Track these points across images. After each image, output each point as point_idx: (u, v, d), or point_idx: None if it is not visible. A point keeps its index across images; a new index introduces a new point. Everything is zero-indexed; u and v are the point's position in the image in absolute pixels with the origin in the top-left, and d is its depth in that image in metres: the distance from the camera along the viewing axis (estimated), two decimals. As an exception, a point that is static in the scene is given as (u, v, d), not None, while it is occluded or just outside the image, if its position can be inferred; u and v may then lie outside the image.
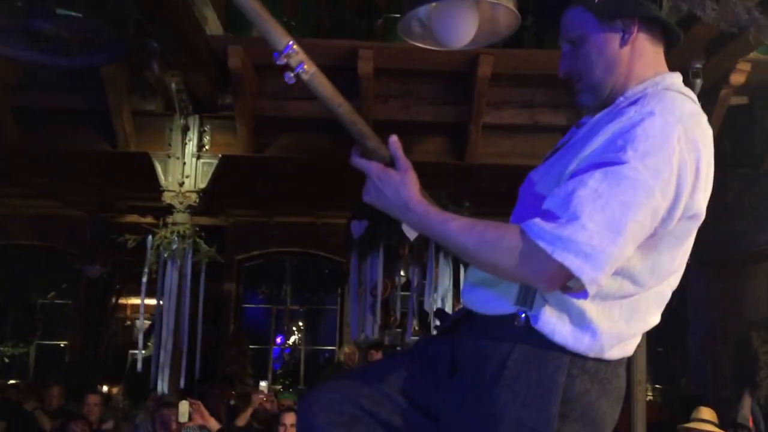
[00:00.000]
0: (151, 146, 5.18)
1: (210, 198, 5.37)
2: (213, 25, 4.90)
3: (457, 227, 1.34)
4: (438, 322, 1.79)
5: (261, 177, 6.36)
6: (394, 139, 1.42)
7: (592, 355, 1.36)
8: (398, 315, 5.06)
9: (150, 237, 4.94)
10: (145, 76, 4.69)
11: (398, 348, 7.95)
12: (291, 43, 1.29)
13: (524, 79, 4.58)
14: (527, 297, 1.38)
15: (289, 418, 4.12)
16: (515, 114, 4.68)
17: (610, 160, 1.27)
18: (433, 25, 3.05)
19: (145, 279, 4.99)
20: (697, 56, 3.85)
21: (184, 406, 4.23)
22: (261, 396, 5.18)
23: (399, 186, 1.38)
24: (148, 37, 4.16)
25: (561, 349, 1.36)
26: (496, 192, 5.42)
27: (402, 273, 4.73)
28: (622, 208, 1.24)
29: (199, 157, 5.37)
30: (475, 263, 1.39)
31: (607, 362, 1.38)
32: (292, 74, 1.32)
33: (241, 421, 5.07)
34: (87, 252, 8.57)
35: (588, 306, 1.35)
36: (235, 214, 9.29)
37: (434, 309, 4.27)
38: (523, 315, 1.37)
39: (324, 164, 5.65)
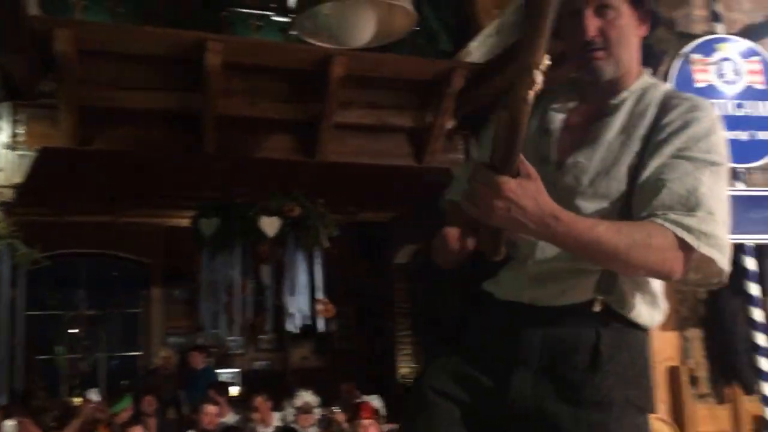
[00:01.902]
0: (-43, 136, 4.60)
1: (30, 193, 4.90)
2: (31, 4, 4.46)
3: (606, 230, 1.33)
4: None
5: (87, 171, 5.87)
6: None
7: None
8: (251, 315, 4.96)
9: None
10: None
11: (216, 349, 7.77)
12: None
13: (373, 81, 4.72)
14: (609, 284, 1.47)
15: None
16: (363, 114, 4.81)
17: (708, 159, 1.43)
18: (330, 23, 3.07)
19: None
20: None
21: (8, 427, 3.84)
22: (91, 406, 4.84)
23: (538, 195, 1.29)
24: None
25: (641, 328, 1.51)
26: (348, 190, 5.55)
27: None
28: (726, 207, 1.41)
29: (13, 149, 4.87)
30: (622, 264, 1.37)
31: None
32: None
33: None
34: None
35: (658, 286, 1.52)
36: (17, 213, 8.41)
37: (292, 307, 4.27)
38: (600, 301, 1.46)
39: (155, 158, 5.38)
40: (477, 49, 4.48)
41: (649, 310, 1.52)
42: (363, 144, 4.87)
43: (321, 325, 4.70)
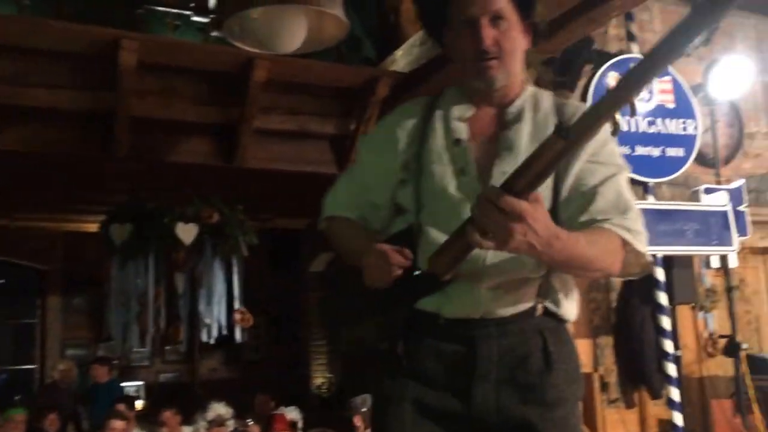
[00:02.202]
0: None
1: None
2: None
3: (586, 243, 1.45)
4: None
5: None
6: None
7: None
8: (164, 325, 4.76)
9: None
10: None
11: (116, 362, 7.43)
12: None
13: (296, 86, 4.64)
14: (547, 288, 1.59)
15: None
16: (285, 120, 4.72)
17: (618, 163, 1.62)
18: (258, 28, 3.01)
19: None
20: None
21: None
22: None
23: (546, 218, 1.34)
24: None
25: (566, 322, 1.65)
26: (265, 196, 5.42)
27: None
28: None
29: None
30: (590, 269, 1.50)
31: None
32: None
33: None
34: None
35: (574, 282, 1.64)
36: None
37: (208, 317, 4.13)
38: (541, 305, 1.59)
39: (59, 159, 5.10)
40: (402, 58, 4.48)
41: (573, 305, 1.66)
42: (284, 150, 4.77)
43: (238, 335, 4.56)
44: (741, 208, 4.60)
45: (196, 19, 4.18)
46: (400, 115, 1.75)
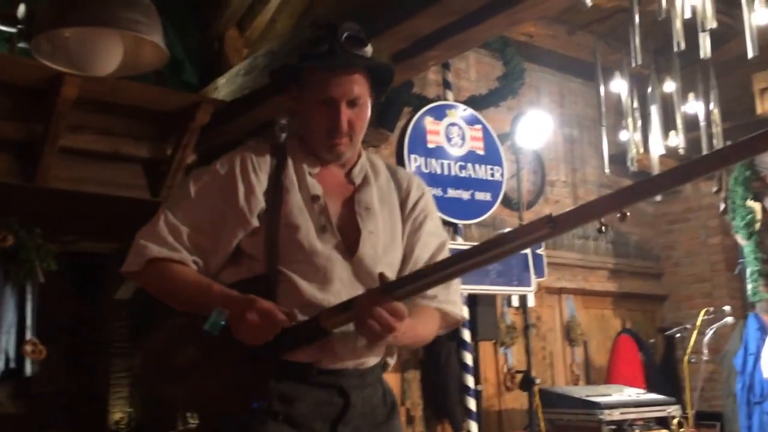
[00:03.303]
0: None
1: None
2: None
3: (421, 326, 1.72)
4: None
5: None
6: None
7: None
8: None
9: None
10: None
11: None
12: None
13: (109, 106, 4.40)
14: (391, 347, 1.77)
15: None
16: (95, 140, 4.45)
17: (444, 236, 1.91)
18: (70, 47, 2.86)
19: None
20: (284, 113, 4.28)
21: None
22: None
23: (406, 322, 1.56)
24: None
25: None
26: (68, 218, 5.04)
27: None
28: None
29: None
30: (423, 342, 1.81)
31: None
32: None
33: None
34: None
35: None
36: None
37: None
38: (385, 358, 1.77)
39: None
40: (225, 86, 4.40)
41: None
42: (93, 171, 4.48)
43: (28, 367, 4.20)
44: (539, 251, 4.94)
45: (1, 28, 3.84)
46: (246, 160, 1.71)
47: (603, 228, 1.56)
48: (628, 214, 1.38)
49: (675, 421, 5.08)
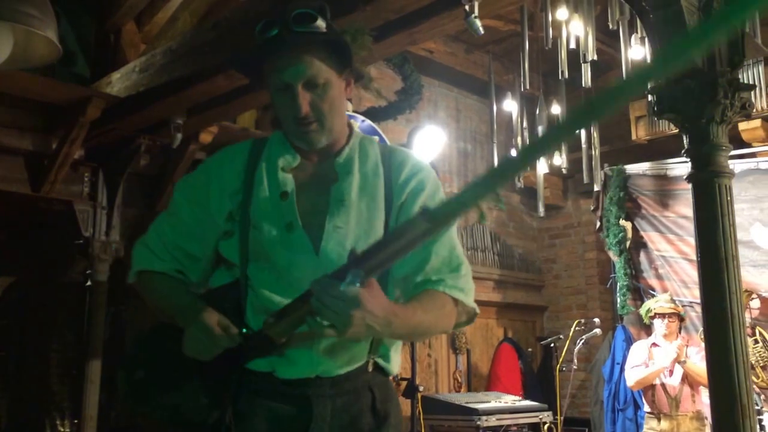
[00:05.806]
0: None
1: None
2: None
3: (423, 313, 1.50)
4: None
5: None
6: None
7: None
8: None
9: None
10: None
11: None
12: None
13: (-6, 96, 4.20)
14: (378, 344, 1.58)
15: None
16: (-23, 131, 4.24)
17: None
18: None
19: None
20: (180, 113, 4.23)
21: None
22: None
23: (382, 299, 1.39)
24: None
25: (390, 375, 1.65)
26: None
27: None
28: None
29: None
30: (429, 335, 1.63)
31: None
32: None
33: None
34: None
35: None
36: None
37: None
38: (372, 361, 1.58)
39: None
40: (119, 82, 4.28)
41: (398, 358, 1.68)
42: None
43: None
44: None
45: None
46: (221, 161, 1.66)
47: (483, 218, 1.62)
48: (486, 213, 1.44)
49: (545, 427, 5.35)
